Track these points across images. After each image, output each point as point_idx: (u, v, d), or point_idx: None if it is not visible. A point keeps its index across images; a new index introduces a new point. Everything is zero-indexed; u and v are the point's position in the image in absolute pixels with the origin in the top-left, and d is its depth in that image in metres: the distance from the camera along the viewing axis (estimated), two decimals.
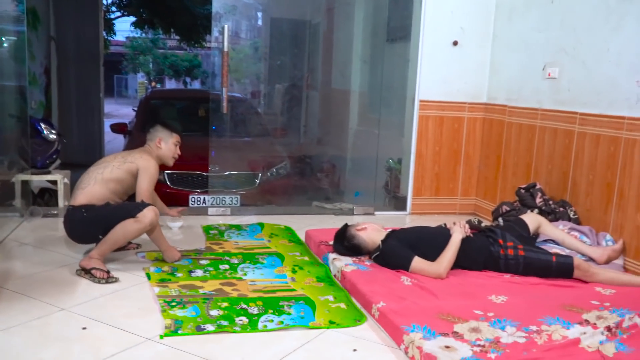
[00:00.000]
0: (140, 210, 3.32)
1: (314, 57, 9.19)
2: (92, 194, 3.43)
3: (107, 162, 3.57)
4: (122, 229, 3.30)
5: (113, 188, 3.49)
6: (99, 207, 3.40)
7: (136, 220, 3.30)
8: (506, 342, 2.45)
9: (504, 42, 5.12)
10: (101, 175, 3.48)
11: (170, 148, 3.79)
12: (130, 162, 3.53)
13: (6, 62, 4.58)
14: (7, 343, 2.48)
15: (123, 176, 3.52)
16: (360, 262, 3.50)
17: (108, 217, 3.34)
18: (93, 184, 3.45)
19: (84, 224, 3.41)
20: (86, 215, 3.38)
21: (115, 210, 3.38)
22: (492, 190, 5.20)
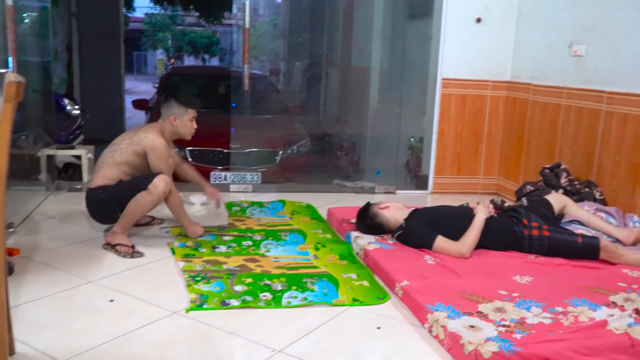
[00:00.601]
0: (150, 181, 3.32)
1: (334, 35, 9.12)
2: (107, 176, 3.44)
3: (117, 144, 3.53)
4: (136, 202, 3.33)
5: (126, 170, 3.48)
6: (113, 185, 3.42)
7: (148, 192, 3.31)
8: (532, 322, 2.44)
9: (529, 19, 5.03)
10: (112, 158, 3.47)
11: (186, 124, 3.66)
12: (135, 144, 3.47)
13: (30, 38, 4.60)
14: (36, 313, 2.53)
15: (131, 158, 3.48)
16: (383, 240, 3.50)
17: (122, 194, 3.36)
18: (106, 167, 3.46)
19: (101, 205, 3.45)
20: (102, 196, 3.41)
21: (127, 185, 3.39)
22: (515, 170, 5.16)
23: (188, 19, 30.06)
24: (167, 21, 29.86)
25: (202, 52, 31.12)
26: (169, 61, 30.25)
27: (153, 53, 32.32)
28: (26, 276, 2.92)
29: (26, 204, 4.03)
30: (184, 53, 31.21)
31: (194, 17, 24.00)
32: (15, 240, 3.43)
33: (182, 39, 30.65)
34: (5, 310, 1.77)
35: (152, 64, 32.35)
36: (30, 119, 4.41)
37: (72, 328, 2.41)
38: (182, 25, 30.89)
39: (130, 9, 17.61)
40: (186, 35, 30.69)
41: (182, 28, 30.87)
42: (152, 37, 30.33)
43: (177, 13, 27.78)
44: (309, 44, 9.63)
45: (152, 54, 32.61)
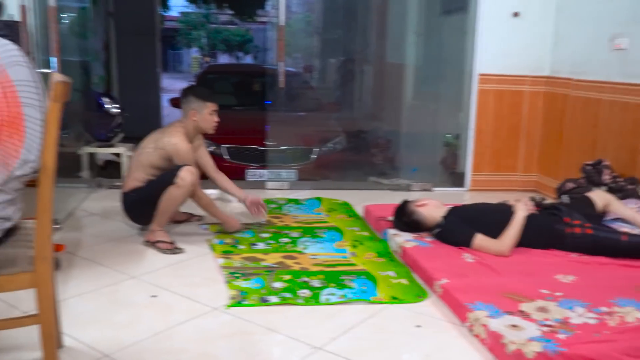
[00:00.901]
0: (177, 174, 3.34)
1: (368, 31, 9.09)
2: (136, 178, 3.49)
3: (143, 147, 3.56)
4: (168, 197, 3.36)
5: (153, 172, 3.49)
6: (144, 186, 3.46)
7: (177, 186, 3.33)
8: (576, 322, 2.40)
9: (569, 12, 4.93)
10: (139, 161, 3.51)
11: (206, 118, 3.60)
12: (161, 149, 3.47)
13: (70, 38, 4.70)
14: (81, 307, 2.59)
15: (158, 161, 3.49)
16: (421, 238, 3.48)
17: (153, 192, 3.39)
18: (135, 170, 3.51)
19: (135, 206, 3.51)
20: (135, 198, 3.47)
21: (156, 183, 3.42)
22: (555, 166, 5.07)
23: (222, 17, 30.29)
24: (202, 19, 30.11)
25: (235, 50, 31.32)
26: (203, 59, 30.52)
27: (188, 51, 32.65)
28: (72, 271, 2.99)
29: (69, 201, 4.12)
30: (217, 51, 31.45)
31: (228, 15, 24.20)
32: (60, 237, 3.50)
33: (216, 37, 30.88)
34: (54, 305, 1.81)
35: (187, 62, 32.67)
36: (72, 117, 4.51)
37: (116, 322, 2.46)
38: (216, 24, 31.12)
39: (166, 8, 17.82)
40: (220, 34, 30.90)
41: (216, 26, 31.10)
42: (187, 35, 30.63)
43: (211, 11, 28.00)
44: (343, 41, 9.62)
45: (186, 52, 32.94)
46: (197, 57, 31.26)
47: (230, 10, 18.21)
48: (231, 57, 31.19)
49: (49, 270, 1.75)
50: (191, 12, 28.89)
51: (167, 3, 17.96)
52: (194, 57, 31.28)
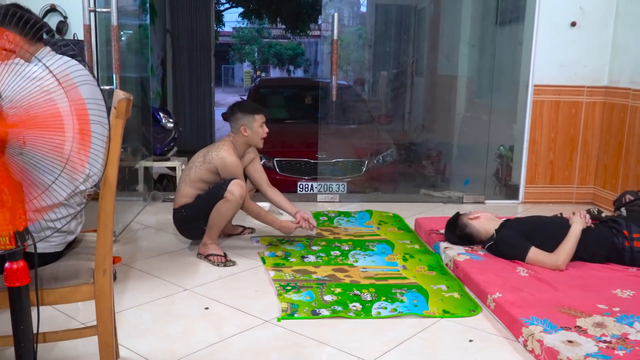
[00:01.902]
0: (225, 189, 3.36)
1: (420, 43, 9.06)
2: (185, 195, 3.52)
3: (193, 161, 3.59)
4: (217, 212, 3.39)
5: (201, 187, 3.51)
6: (193, 202, 3.50)
7: (226, 200, 3.36)
8: (635, 339, 2.33)
9: (629, 21, 4.80)
10: (188, 177, 3.54)
11: (257, 132, 3.59)
12: (208, 162, 3.49)
13: (129, 55, 4.85)
14: (138, 318, 2.66)
15: (206, 176, 3.50)
16: (473, 251, 3.43)
17: (203, 208, 3.43)
18: (184, 187, 3.53)
19: (186, 222, 3.55)
20: (185, 214, 3.51)
21: (206, 198, 3.44)
22: (613, 178, 4.93)
23: (274, 32, 30.71)
24: (254, 34, 30.60)
25: (287, 64, 31.67)
26: (255, 73, 30.97)
27: (240, 66, 33.19)
28: (127, 283, 3.07)
29: (125, 214, 4.24)
30: (269, 65, 31.87)
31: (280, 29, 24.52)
32: (116, 249, 3.61)
33: (268, 51, 31.32)
34: (112, 316, 1.87)
35: (239, 77, 33.22)
36: (130, 132, 4.64)
37: (171, 334, 2.52)
38: (268, 38, 31.57)
39: (220, 24, 18.20)
40: (272, 48, 31.33)
41: (269, 40, 31.54)
42: (240, 50, 31.17)
43: (264, 26, 28.44)
44: (395, 53, 9.61)
45: (239, 67, 33.50)
46: (249, 71, 31.74)
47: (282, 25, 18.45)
48: (282, 71, 31.56)
49: (109, 282, 1.81)
50: (244, 27, 29.40)
51: (221, 19, 18.34)
52: (246, 72, 31.77)
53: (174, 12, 9.65)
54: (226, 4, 16.74)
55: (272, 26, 25.21)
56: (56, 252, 1.84)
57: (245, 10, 17.10)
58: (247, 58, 31.75)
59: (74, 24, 4.24)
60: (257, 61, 31.95)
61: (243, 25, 28.19)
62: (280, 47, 31.37)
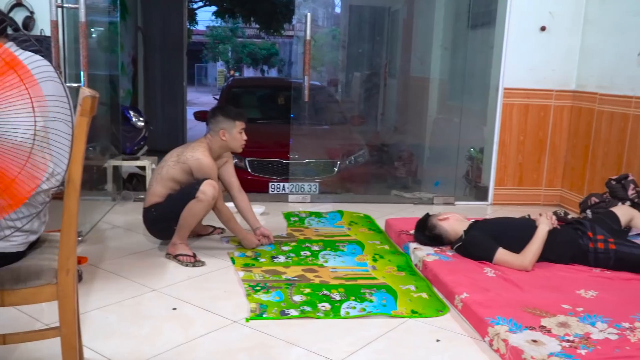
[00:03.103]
0: (197, 188, 3.34)
1: (393, 45, 9.13)
2: (156, 194, 3.49)
3: (165, 160, 3.55)
4: (188, 212, 3.37)
5: (172, 186, 3.49)
6: (163, 202, 3.47)
7: (198, 200, 3.33)
8: (597, 338, 2.37)
9: (596, 26, 4.89)
10: (160, 175, 3.51)
11: (236, 137, 3.58)
12: (182, 163, 3.46)
13: (99, 52, 4.79)
14: (104, 319, 2.62)
15: (178, 175, 3.48)
16: (442, 252, 3.46)
17: (174, 207, 3.40)
18: (155, 185, 3.51)
19: (156, 222, 3.52)
20: (156, 214, 3.48)
21: (177, 198, 3.42)
22: (579, 181, 5.01)
23: (248, 31, 30.61)
24: (228, 33, 30.47)
25: (261, 64, 31.60)
26: (229, 73, 30.84)
27: (213, 65, 33.02)
28: (94, 284, 3.03)
29: (93, 214, 4.18)
30: (243, 64, 31.76)
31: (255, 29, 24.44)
32: (83, 249, 3.56)
33: (242, 51, 31.21)
34: (76, 318, 1.85)
35: (213, 76, 33.04)
36: (98, 130, 4.58)
37: (138, 335, 2.49)
38: (242, 37, 31.46)
39: (193, 22, 18.07)
40: (246, 47, 31.24)
41: (242, 40, 31.43)
42: (213, 49, 31.01)
43: (238, 25, 28.33)
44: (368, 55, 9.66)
45: (212, 66, 33.32)
46: (223, 70, 31.59)
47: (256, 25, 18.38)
48: (256, 71, 31.47)
49: (72, 283, 1.78)
50: (218, 27, 29.25)
51: (194, 17, 18.21)
52: (220, 71, 31.62)
53: (146, 9, 9.55)
54: (199, 2, 16.62)
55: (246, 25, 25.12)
56: (18, 252, 1.80)
57: (219, 8, 17.00)
58: (220, 57, 31.61)
59: (41, 20, 4.17)
60: (230, 60, 31.82)
61: (217, 24, 28.05)
62: (254, 47, 31.30)
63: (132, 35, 9.04)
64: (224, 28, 29.63)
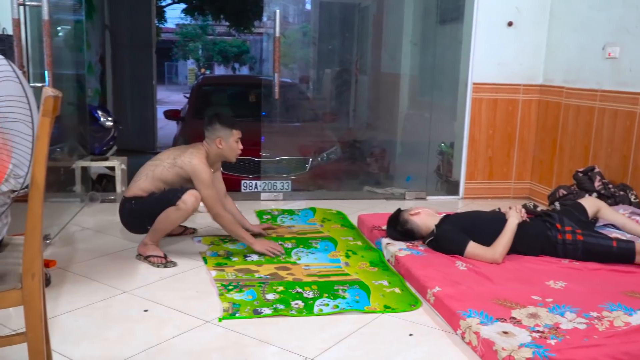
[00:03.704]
0: (180, 197, 3.31)
1: (364, 41, 9.13)
2: (142, 188, 3.44)
3: (161, 160, 3.50)
4: (165, 217, 3.33)
5: (161, 186, 3.44)
6: (145, 197, 3.42)
7: (177, 208, 3.30)
8: (566, 328, 2.41)
9: (562, 21, 4.97)
10: (152, 172, 3.45)
11: (232, 147, 3.54)
12: (179, 167, 3.41)
13: (65, 51, 4.71)
14: (73, 323, 2.58)
15: (171, 179, 3.43)
16: (414, 247, 3.48)
17: (152, 207, 3.36)
18: (144, 180, 3.45)
19: (132, 215, 3.47)
20: (134, 207, 3.43)
21: (158, 199, 3.38)
22: (548, 174, 5.09)
23: (218, 29, 30.39)
24: (198, 31, 30.22)
25: (232, 61, 31.41)
26: (199, 71, 30.60)
27: (184, 63, 32.74)
28: (63, 287, 2.98)
29: (62, 216, 4.12)
30: (214, 62, 31.54)
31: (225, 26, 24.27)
32: (51, 252, 3.51)
33: (212, 49, 30.99)
34: (43, 322, 1.81)
35: (183, 74, 32.76)
36: (65, 131, 4.51)
37: (108, 338, 2.46)
38: (212, 35, 31.23)
39: (162, 20, 17.89)
40: (217, 45, 31.02)
41: (213, 38, 31.20)
42: (183, 47, 30.73)
43: (208, 23, 28.11)
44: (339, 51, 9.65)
45: (183, 64, 33.03)
46: (194, 68, 31.34)
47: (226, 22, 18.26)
48: (228, 69, 31.28)
49: (38, 287, 1.75)
50: (188, 24, 28.99)
51: (163, 15, 18.02)
52: (191, 69, 31.36)
53: (113, 7, 9.41)
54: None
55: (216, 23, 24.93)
56: None
57: (188, 6, 16.84)
58: (191, 55, 31.35)
59: (2, 18, 4.07)
60: (201, 58, 31.58)
61: (186, 22, 27.80)
62: (225, 45, 31.09)
63: (99, 34, 8.91)
64: (194, 26, 29.37)
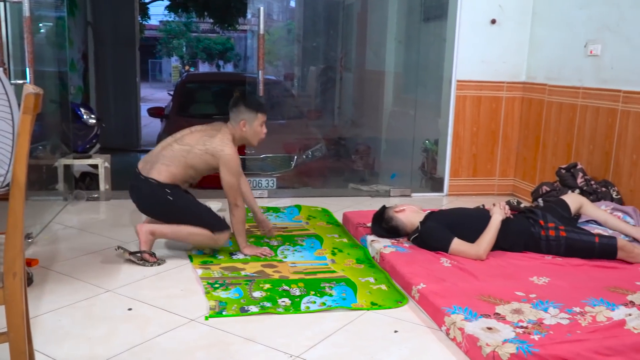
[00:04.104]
0: (221, 231, 3.35)
1: (348, 39, 9.13)
2: (175, 175, 3.34)
3: (190, 145, 3.36)
4: (193, 235, 3.34)
5: (192, 174, 3.40)
6: (188, 201, 3.36)
7: (211, 238, 3.33)
8: (549, 323, 2.43)
9: (544, 19, 5.01)
10: (184, 159, 3.34)
11: (256, 130, 3.44)
12: (210, 155, 3.33)
13: (47, 48, 4.66)
14: (56, 323, 2.56)
15: (201, 165, 3.36)
16: (399, 243, 3.50)
17: (187, 216, 3.33)
18: (176, 165, 3.34)
19: (165, 207, 3.35)
20: (172, 200, 3.32)
21: (198, 215, 3.35)
22: (531, 170, 5.13)
23: (203, 26, 30.26)
24: (182, 28, 30.06)
25: (216, 59, 31.29)
26: (183, 68, 30.45)
27: (168, 60, 32.57)
28: (46, 286, 2.95)
29: (44, 214, 4.08)
30: (198, 60, 31.40)
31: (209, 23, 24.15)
32: (34, 251, 3.47)
33: (196, 46, 30.84)
34: (25, 322, 1.79)
35: (167, 71, 32.59)
36: (48, 129, 4.47)
37: (92, 337, 2.44)
38: (196, 32, 31.09)
39: (145, 17, 17.76)
40: (201, 42, 30.88)
41: (197, 35, 31.06)
42: (167, 44, 30.56)
43: (192, 20, 27.97)
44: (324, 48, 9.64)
45: (167, 61, 32.86)
46: (178, 66, 31.18)
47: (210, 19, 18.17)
48: (212, 66, 31.16)
49: (20, 286, 1.73)
50: (171, 21, 28.83)
51: (147, 12, 17.89)
52: (175, 66, 31.20)
53: (96, 4, 9.34)
54: None
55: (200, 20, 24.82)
56: None
57: (172, 3, 16.74)
58: (175, 52, 31.18)
59: None
60: (185, 56, 31.43)
61: (170, 19, 27.64)
62: (210, 42, 30.97)
63: (81, 31, 8.83)
64: (178, 23, 29.21)
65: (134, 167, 3.48)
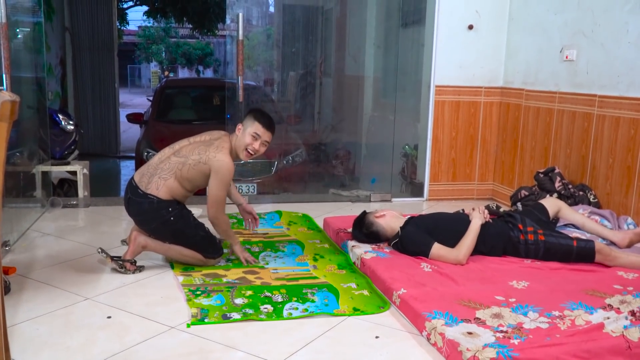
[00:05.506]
0: (214, 257, 3.37)
1: (327, 44, 9.16)
2: (172, 189, 3.27)
3: (186, 156, 3.28)
4: (185, 257, 3.34)
5: (187, 187, 3.31)
6: (187, 222, 3.33)
7: (201, 260, 3.34)
8: (529, 327, 2.45)
9: (520, 25, 5.07)
10: (180, 172, 3.26)
11: (245, 137, 3.31)
12: (203, 163, 3.22)
13: (24, 54, 4.61)
14: (34, 332, 2.53)
15: (196, 176, 3.27)
16: (380, 249, 3.51)
17: (188, 240, 3.31)
18: (173, 180, 3.26)
19: (164, 227, 3.29)
20: (172, 221, 3.27)
21: (197, 240, 3.33)
22: (510, 175, 5.18)
23: (182, 31, 30.12)
24: (161, 33, 29.90)
25: (196, 64, 31.16)
26: (163, 74, 30.28)
27: (147, 66, 32.36)
28: (23, 295, 2.91)
29: (21, 222, 4.02)
30: (178, 65, 31.25)
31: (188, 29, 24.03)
32: (11, 259, 3.42)
33: (176, 51, 30.69)
34: (2, 331, 1.77)
35: (147, 77, 32.38)
36: (25, 135, 4.41)
37: (70, 346, 2.41)
38: (175, 38, 30.94)
39: (124, 22, 17.64)
40: (180, 47, 30.73)
41: (176, 40, 30.91)
42: (146, 49, 30.37)
43: (171, 25, 27.83)
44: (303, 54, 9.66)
45: (146, 67, 32.64)
46: (157, 71, 31.00)
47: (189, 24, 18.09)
48: (191, 71, 31.02)
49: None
50: (150, 27, 28.66)
51: (125, 17, 17.77)
52: (154, 72, 31.00)
53: (73, 9, 9.27)
54: (129, 1, 16.22)
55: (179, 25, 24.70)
56: None
57: (150, 8, 16.63)
58: (154, 58, 30.99)
59: None
60: (164, 61, 31.25)
61: (149, 24, 27.47)
62: (189, 47, 30.84)
63: (59, 36, 8.75)
64: (157, 28, 29.05)
65: (113, 173, 3.45)
